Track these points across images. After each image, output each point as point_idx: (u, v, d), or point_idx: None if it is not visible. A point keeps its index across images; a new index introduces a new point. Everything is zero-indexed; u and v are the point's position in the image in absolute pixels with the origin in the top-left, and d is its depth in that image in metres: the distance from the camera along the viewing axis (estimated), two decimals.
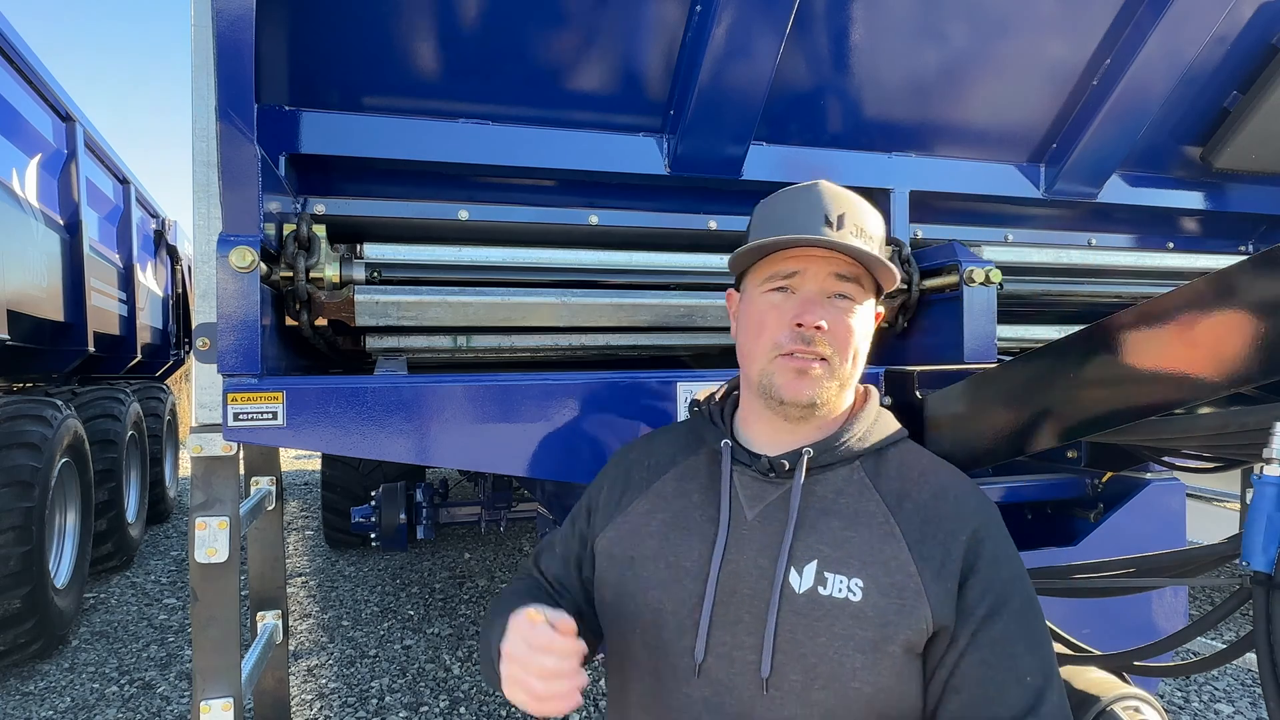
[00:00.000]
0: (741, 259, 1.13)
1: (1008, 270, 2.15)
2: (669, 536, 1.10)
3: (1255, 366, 0.91)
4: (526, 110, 1.94)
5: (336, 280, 1.75)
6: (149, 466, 6.23)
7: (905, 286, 2.13)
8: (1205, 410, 1.17)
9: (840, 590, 0.99)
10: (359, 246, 1.96)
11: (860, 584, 0.99)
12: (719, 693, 1.01)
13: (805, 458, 1.06)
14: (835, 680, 0.97)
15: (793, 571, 1.01)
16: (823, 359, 1.05)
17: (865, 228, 1.08)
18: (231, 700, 1.55)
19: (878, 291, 1.14)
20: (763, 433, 1.13)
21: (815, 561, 1.01)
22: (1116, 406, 1.11)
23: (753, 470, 1.09)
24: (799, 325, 1.04)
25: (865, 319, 1.10)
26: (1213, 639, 3.79)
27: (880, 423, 1.14)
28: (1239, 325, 0.93)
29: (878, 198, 2.28)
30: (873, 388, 1.20)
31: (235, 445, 1.57)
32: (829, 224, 1.05)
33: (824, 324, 1.04)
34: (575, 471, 1.59)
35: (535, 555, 1.30)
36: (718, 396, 1.23)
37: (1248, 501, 1.08)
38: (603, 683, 3.56)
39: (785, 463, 1.07)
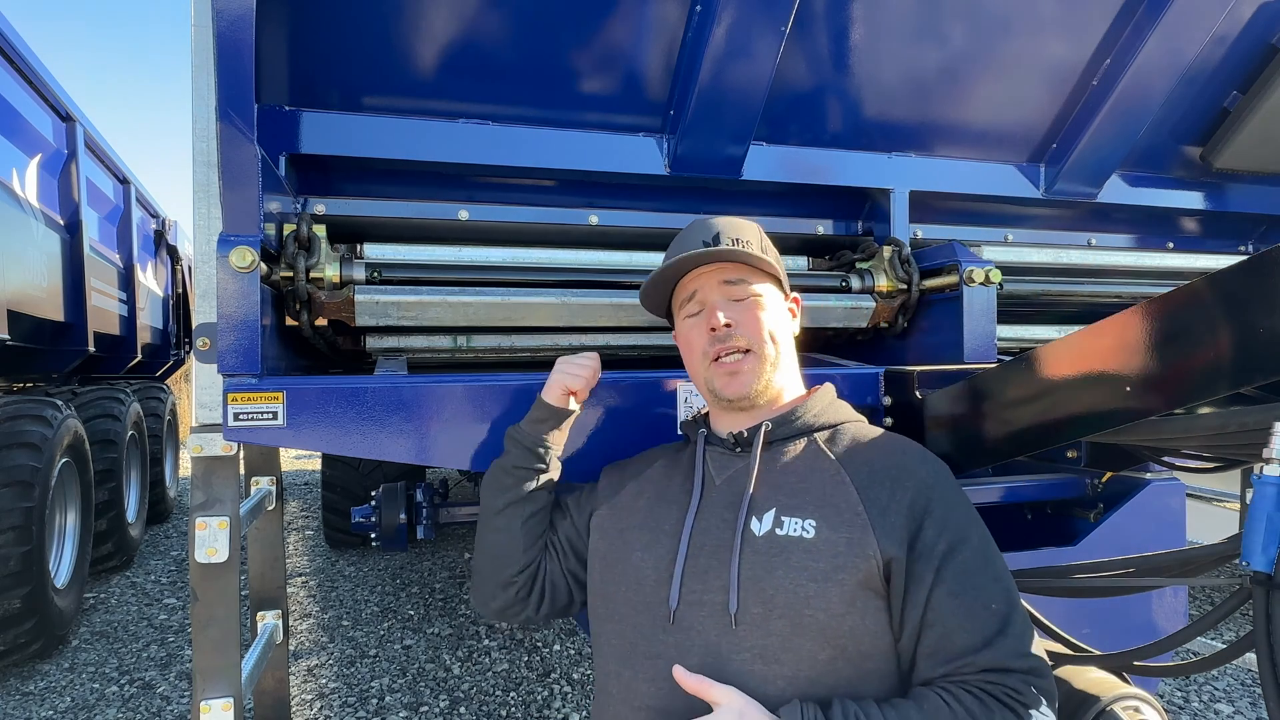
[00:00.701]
0: (649, 298, 1.39)
1: (1008, 270, 2.15)
2: (653, 509, 1.26)
3: (1254, 366, 0.91)
4: (526, 110, 1.94)
5: (336, 280, 1.75)
6: (149, 466, 6.22)
7: (905, 286, 2.13)
8: (1205, 410, 1.17)
9: (795, 530, 1.12)
10: (359, 246, 1.95)
11: (813, 523, 1.12)
12: (690, 636, 1.11)
13: (764, 429, 1.23)
14: (791, 609, 1.07)
15: (753, 519, 1.15)
16: (744, 351, 1.23)
17: (740, 237, 1.28)
18: (231, 700, 1.55)
19: (778, 281, 1.33)
20: (729, 423, 1.30)
21: (774, 509, 1.15)
22: (1116, 406, 1.11)
23: (721, 447, 1.27)
24: (712, 330, 1.24)
25: (771, 304, 1.28)
26: (1213, 639, 3.79)
27: (836, 406, 1.30)
28: (1236, 325, 0.93)
29: (878, 198, 2.28)
30: (829, 384, 1.35)
31: (235, 445, 1.57)
32: (707, 244, 1.26)
33: (730, 321, 1.23)
34: (574, 471, 1.58)
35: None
36: (702, 409, 1.43)
37: (1248, 501, 1.08)
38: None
39: (745, 433, 1.24)
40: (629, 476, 1.36)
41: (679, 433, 1.43)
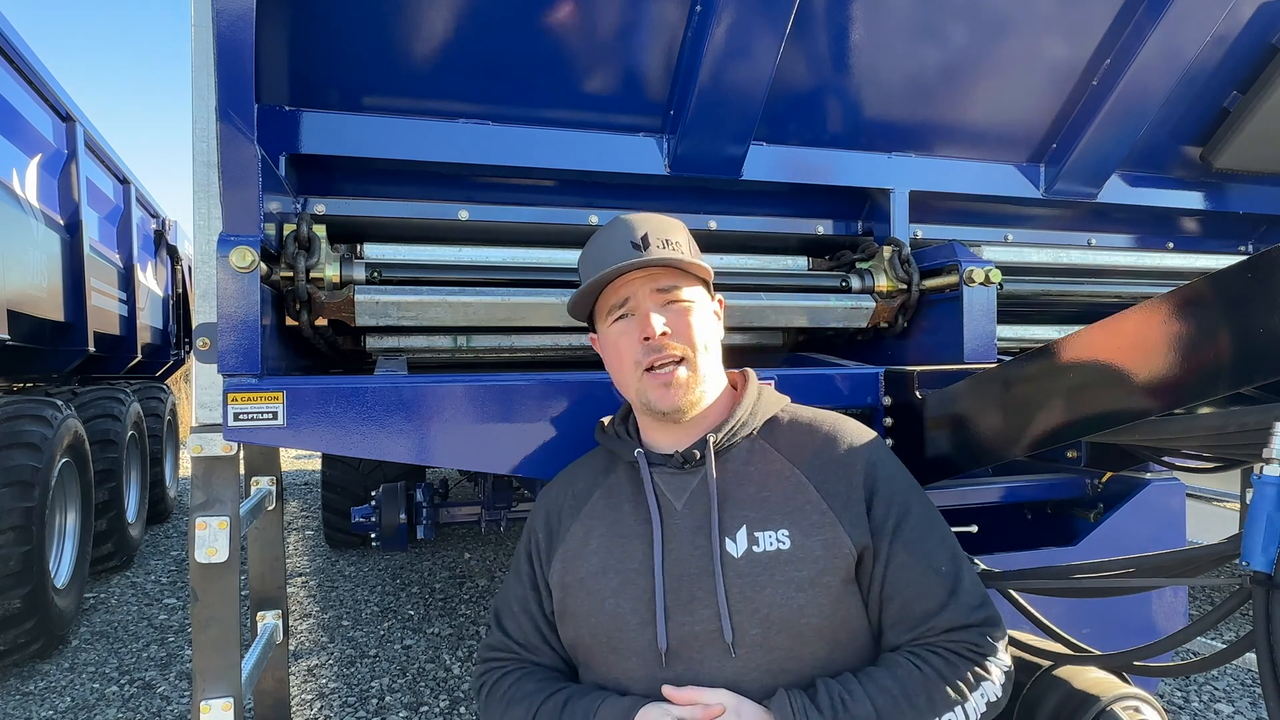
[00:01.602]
0: (578, 306, 1.29)
1: (1008, 270, 2.15)
2: (611, 549, 1.20)
3: (1254, 366, 0.91)
4: (526, 110, 1.94)
5: (336, 280, 1.75)
6: (149, 466, 6.22)
7: (905, 286, 2.13)
8: (1205, 410, 1.17)
9: (771, 544, 1.12)
10: (359, 246, 1.96)
11: (786, 533, 1.13)
12: (691, 668, 1.10)
13: (711, 442, 1.20)
14: (788, 623, 1.09)
15: (727, 540, 1.13)
16: (678, 360, 1.19)
17: (669, 238, 1.24)
18: (231, 700, 1.55)
19: (706, 284, 1.29)
20: (664, 437, 1.25)
21: (744, 526, 1.14)
22: (1116, 406, 1.11)
23: (668, 467, 1.22)
24: (646, 339, 1.18)
25: (703, 311, 1.25)
26: (1213, 639, 3.79)
27: (765, 398, 1.29)
28: (1237, 325, 0.93)
29: (878, 198, 2.28)
30: (750, 370, 1.33)
31: (235, 445, 1.57)
32: (637, 246, 1.20)
33: (666, 329, 1.18)
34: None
35: (495, 618, 1.33)
36: (619, 418, 1.35)
37: (1248, 501, 1.08)
38: None
39: (696, 452, 1.20)
40: (566, 518, 1.27)
41: (596, 440, 1.35)
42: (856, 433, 1.24)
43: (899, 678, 1.07)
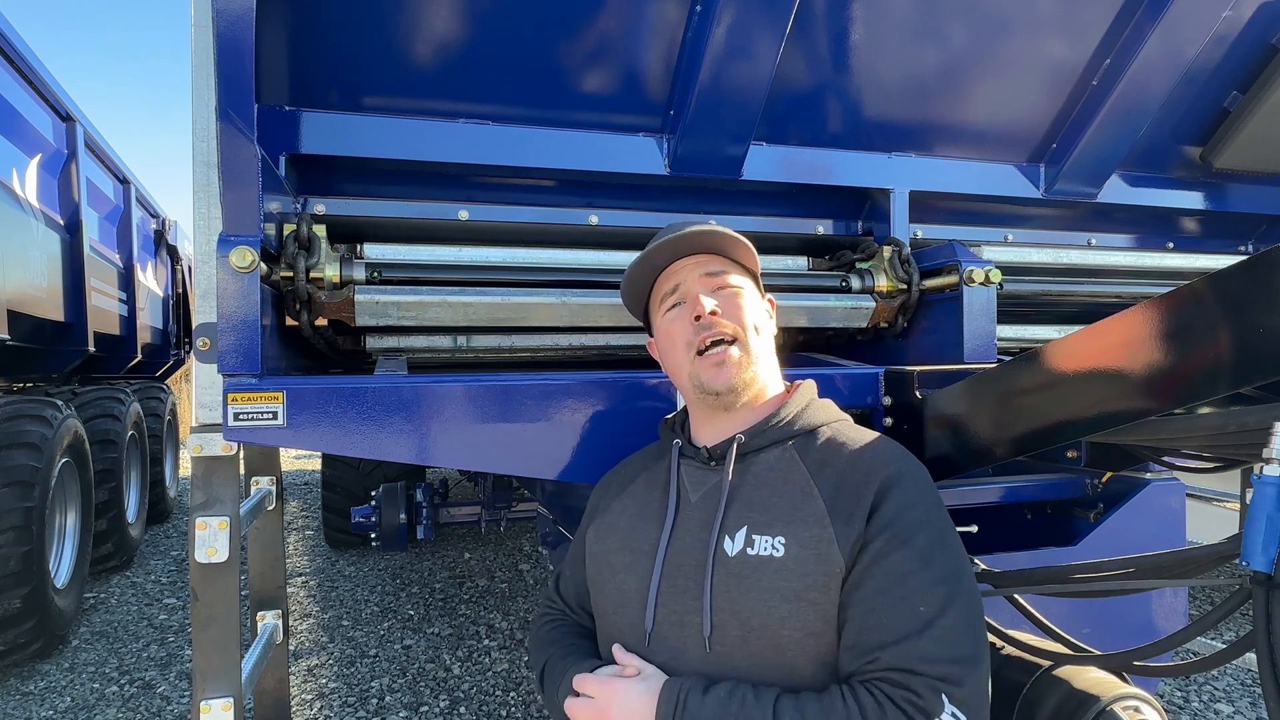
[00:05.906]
0: (633, 298, 1.37)
1: (1008, 270, 2.15)
2: (634, 528, 1.26)
3: (1254, 366, 0.91)
4: (526, 110, 1.94)
5: (336, 280, 1.75)
6: (149, 466, 6.23)
7: (905, 286, 2.13)
8: (1205, 410, 1.17)
9: (766, 549, 1.10)
10: (359, 246, 1.96)
11: (782, 541, 1.10)
12: (674, 656, 1.13)
13: (736, 442, 1.21)
14: (767, 631, 1.07)
15: (726, 538, 1.14)
16: (729, 340, 1.21)
17: (718, 233, 1.29)
18: (231, 700, 1.55)
19: (755, 279, 1.35)
20: (706, 429, 1.28)
21: (745, 527, 1.14)
22: (1116, 407, 1.11)
23: (696, 461, 1.25)
24: (697, 319, 1.22)
25: (751, 297, 1.29)
26: (1213, 639, 3.79)
27: (813, 409, 1.26)
28: (1236, 325, 0.93)
29: (878, 198, 2.28)
30: (810, 382, 1.33)
31: (235, 445, 1.57)
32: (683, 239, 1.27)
33: (717, 309, 1.22)
34: (575, 471, 1.58)
35: (555, 579, 1.47)
36: (680, 413, 1.40)
37: (1248, 501, 1.08)
38: None
39: (720, 449, 1.22)
40: (614, 492, 1.35)
41: (658, 432, 1.42)
42: (886, 454, 1.16)
43: (822, 703, 0.99)
